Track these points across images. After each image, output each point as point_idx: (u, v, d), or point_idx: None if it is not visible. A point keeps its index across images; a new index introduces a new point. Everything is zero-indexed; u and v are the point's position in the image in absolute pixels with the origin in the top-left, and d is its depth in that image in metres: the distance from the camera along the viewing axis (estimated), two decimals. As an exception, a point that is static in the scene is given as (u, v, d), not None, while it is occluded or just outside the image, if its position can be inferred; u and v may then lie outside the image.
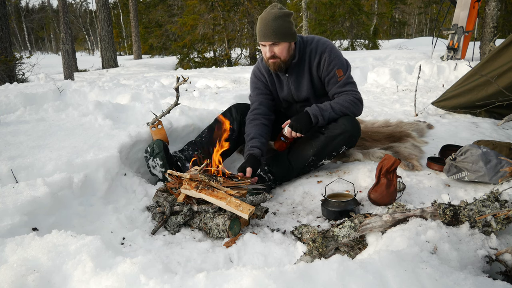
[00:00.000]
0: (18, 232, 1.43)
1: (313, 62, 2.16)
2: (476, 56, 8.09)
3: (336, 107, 2.09)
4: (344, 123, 2.10)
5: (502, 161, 1.90)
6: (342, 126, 2.09)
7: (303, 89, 2.23)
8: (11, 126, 2.66)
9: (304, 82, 2.22)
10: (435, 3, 27.51)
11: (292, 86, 2.25)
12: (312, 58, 2.16)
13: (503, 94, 2.81)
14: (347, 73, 2.16)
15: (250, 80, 2.38)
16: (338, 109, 2.09)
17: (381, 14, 20.65)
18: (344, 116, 2.14)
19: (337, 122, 2.12)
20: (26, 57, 8.62)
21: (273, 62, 2.10)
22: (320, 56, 2.14)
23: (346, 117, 2.15)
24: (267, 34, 2.00)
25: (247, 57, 14.19)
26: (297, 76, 2.22)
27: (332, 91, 2.16)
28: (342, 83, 2.13)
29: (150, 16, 21.71)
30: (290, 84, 2.25)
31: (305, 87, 2.23)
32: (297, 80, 2.22)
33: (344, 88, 2.13)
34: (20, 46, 32.61)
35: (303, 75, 2.21)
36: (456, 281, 1.03)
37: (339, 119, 2.13)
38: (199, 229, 1.74)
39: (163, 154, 2.15)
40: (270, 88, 2.33)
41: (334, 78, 2.13)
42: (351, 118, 2.15)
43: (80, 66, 12.96)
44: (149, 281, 1.08)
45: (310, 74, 2.20)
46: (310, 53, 2.16)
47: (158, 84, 5.93)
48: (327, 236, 1.41)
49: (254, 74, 2.35)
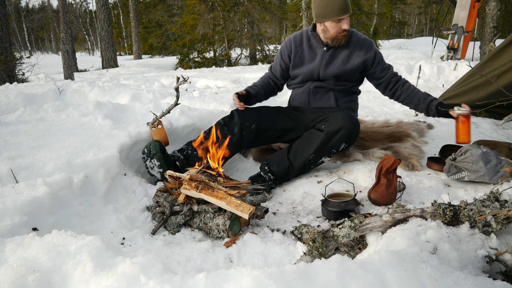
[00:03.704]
0: (18, 232, 1.43)
1: (361, 50, 2.35)
2: (476, 56, 8.09)
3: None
4: (343, 119, 2.12)
5: (502, 161, 1.90)
6: (341, 122, 2.11)
7: (335, 66, 2.34)
8: (11, 126, 2.66)
9: (338, 60, 2.35)
10: (435, 3, 27.50)
11: (324, 60, 2.35)
12: (359, 46, 2.35)
13: (503, 94, 2.81)
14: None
15: (279, 50, 2.55)
16: None
17: (381, 14, 20.65)
18: (342, 112, 2.20)
19: (336, 119, 2.14)
20: (26, 57, 8.61)
21: (346, 34, 2.27)
22: (369, 47, 2.36)
23: (344, 112, 2.18)
24: (347, 7, 2.18)
25: (247, 57, 14.19)
26: (335, 53, 2.35)
27: (390, 73, 2.41)
28: (392, 68, 2.44)
29: (150, 16, 21.69)
30: (324, 58, 2.35)
31: (337, 65, 2.34)
32: (333, 56, 2.34)
33: (394, 71, 2.44)
34: (20, 46, 32.61)
35: (341, 53, 2.35)
36: (456, 281, 1.03)
37: (338, 115, 2.14)
38: (199, 229, 1.74)
39: (160, 155, 2.14)
40: (291, 60, 2.45)
41: (386, 64, 2.43)
42: (349, 114, 2.17)
43: (80, 66, 12.96)
44: (149, 281, 1.08)
45: (349, 56, 2.34)
46: (357, 40, 2.36)
47: (158, 84, 5.92)
48: (327, 236, 1.41)
49: (288, 43, 2.48)
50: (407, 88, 2.36)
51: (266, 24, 16.86)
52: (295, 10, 15.77)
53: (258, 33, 13.85)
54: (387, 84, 2.39)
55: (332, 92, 2.40)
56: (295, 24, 17.16)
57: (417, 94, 2.34)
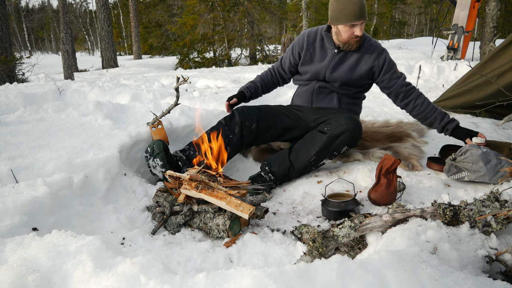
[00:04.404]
0: (18, 232, 1.43)
1: (370, 56, 2.31)
2: (476, 56, 8.09)
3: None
4: (347, 122, 2.11)
5: (502, 161, 1.90)
6: (344, 126, 2.10)
7: (342, 71, 2.32)
8: (11, 126, 2.66)
9: (346, 65, 2.32)
10: (435, 3, 27.50)
11: (333, 63, 2.33)
12: (370, 52, 2.31)
13: (503, 94, 2.81)
14: (401, 73, 2.40)
15: (291, 45, 2.52)
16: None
17: (381, 14, 20.67)
18: (345, 115, 2.17)
19: (339, 122, 2.13)
20: (26, 57, 8.61)
21: (358, 40, 2.24)
22: (379, 54, 2.32)
23: (347, 116, 2.16)
24: (362, 13, 2.15)
25: (247, 57, 14.19)
26: (345, 57, 2.32)
27: (399, 83, 2.33)
28: (403, 78, 2.35)
29: (150, 16, 21.70)
30: (333, 60, 2.33)
31: (344, 69, 2.32)
32: (342, 60, 2.33)
33: (406, 81, 2.36)
34: (20, 46, 32.61)
35: (350, 58, 2.32)
36: (456, 281, 1.03)
37: (342, 118, 2.14)
38: (199, 229, 1.74)
39: (163, 154, 2.15)
40: (301, 57, 2.44)
41: (396, 74, 2.34)
42: (352, 117, 2.16)
43: (80, 66, 12.95)
44: (149, 281, 1.08)
45: (358, 62, 2.31)
46: (369, 46, 2.32)
47: (158, 84, 5.92)
48: (327, 236, 1.41)
49: (298, 39, 2.48)
50: (420, 104, 2.27)
51: (266, 24, 16.86)
52: (295, 10, 15.78)
53: (258, 33, 13.87)
54: (396, 94, 2.32)
55: (336, 94, 2.38)
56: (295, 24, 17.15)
57: (432, 112, 2.26)
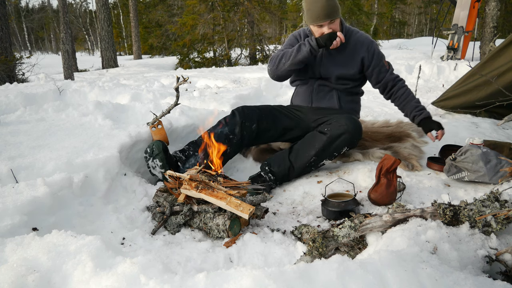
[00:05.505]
0: (18, 232, 1.43)
1: (360, 50, 2.33)
2: (476, 56, 8.09)
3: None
4: (347, 123, 2.12)
5: (502, 161, 1.90)
6: (345, 126, 2.11)
7: (333, 65, 2.33)
8: (11, 126, 2.66)
9: (336, 59, 2.33)
10: (435, 3, 27.50)
11: (324, 58, 2.34)
12: (359, 46, 2.34)
13: (503, 94, 2.81)
14: (389, 63, 2.44)
15: (288, 38, 2.51)
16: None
17: (381, 14, 20.64)
18: (346, 116, 2.17)
19: (339, 122, 2.13)
20: (26, 57, 8.60)
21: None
22: (369, 47, 2.34)
23: (348, 117, 2.16)
24: (329, 13, 2.15)
25: (247, 57, 14.18)
26: (332, 52, 2.32)
27: (387, 77, 2.39)
28: (391, 71, 2.41)
29: (150, 16, 21.69)
30: (324, 56, 2.34)
31: (335, 64, 2.33)
32: (331, 56, 2.34)
33: (394, 75, 2.41)
34: (20, 46, 32.60)
35: (339, 53, 2.33)
36: (456, 281, 1.03)
37: (342, 119, 2.14)
38: (199, 229, 1.74)
39: (162, 155, 2.15)
40: None
41: (384, 67, 2.38)
42: (353, 118, 2.17)
43: (80, 66, 12.95)
44: (149, 281, 1.08)
45: (347, 56, 2.33)
46: (357, 41, 2.34)
47: (158, 84, 5.91)
48: (327, 236, 1.41)
49: (293, 35, 2.49)
50: (400, 95, 2.36)
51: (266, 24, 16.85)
52: (295, 10, 15.77)
53: (258, 33, 13.85)
54: (384, 87, 2.41)
55: (335, 92, 2.40)
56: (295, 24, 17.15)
57: (407, 103, 2.35)
